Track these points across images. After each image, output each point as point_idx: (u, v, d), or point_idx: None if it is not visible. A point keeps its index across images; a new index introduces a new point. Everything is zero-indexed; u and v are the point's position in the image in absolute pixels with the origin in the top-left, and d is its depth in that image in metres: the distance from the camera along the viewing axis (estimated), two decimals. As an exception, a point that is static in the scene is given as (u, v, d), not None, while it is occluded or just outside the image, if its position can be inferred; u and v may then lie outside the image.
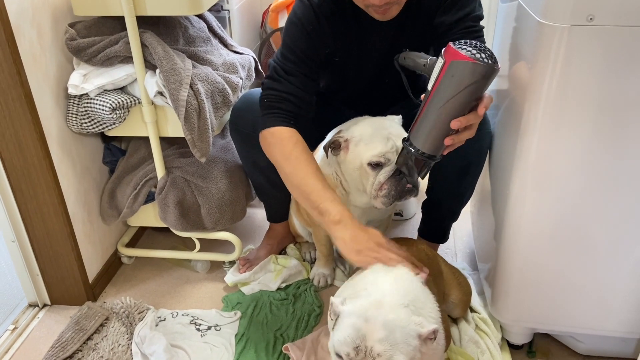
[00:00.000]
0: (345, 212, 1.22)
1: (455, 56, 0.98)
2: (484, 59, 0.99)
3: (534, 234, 1.25)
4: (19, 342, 1.53)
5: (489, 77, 1.00)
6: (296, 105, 1.33)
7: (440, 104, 1.02)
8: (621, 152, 1.11)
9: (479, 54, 0.99)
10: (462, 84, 0.99)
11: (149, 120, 1.52)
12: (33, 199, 1.48)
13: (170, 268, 1.83)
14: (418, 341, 0.95)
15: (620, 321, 1.30)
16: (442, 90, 1.01)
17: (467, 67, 0.98)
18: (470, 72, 0.98)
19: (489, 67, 0.98)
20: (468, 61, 0.97)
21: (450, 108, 1.01)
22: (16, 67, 1.31)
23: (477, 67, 0.97)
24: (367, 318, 0.96)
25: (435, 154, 1.09)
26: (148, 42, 1.43)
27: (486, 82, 1.01)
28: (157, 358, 1.38)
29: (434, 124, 1.04)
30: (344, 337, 0.96)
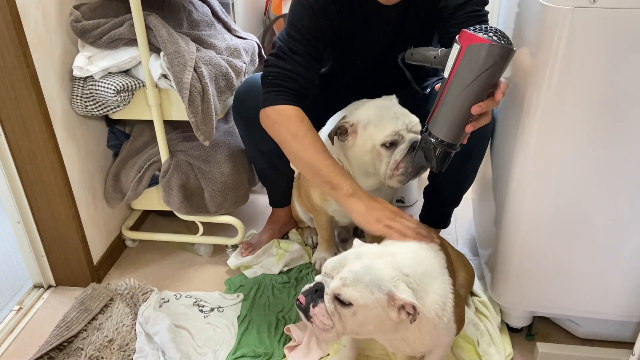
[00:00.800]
0: (357, 186, 1.25)
1: (472, 40, 0.98)
2: (501, 40, 0.99)
3: (534, 219, 1.26)
4: (24, 322, 1.55)
5: (507, 59, 1.00)
6: (301, 85, 1.32)
7: (460, 89, 1.01)
8: (623, 137, 1.12)
9: (495, 36, 0.99)
10: (481, 68, 0.99)
11: (153, 104, 1.53)
12: (38, 181, 1.50)
13: (174, 251, 1.85)
14: (385, 298, 0.95)
15: (618, 305, 1.31)
16: (460, 75, 1.01)
17: (485, 50, 0.98)
18: (489, 54, 0.97)
19: (506, 48, 0.98)
20: (485, 43, 0.97)
21: (470, 93, 1.01)
22: (22, 48, 1.32)
23: (495, 49, 0.97)
24: (359, 255, 1.01)
25: (455, 142, 1.08)
26: (152, 24, 1.44)
27: (504, 64, 1.01)
28: (161, 338, 1.40)
29: (454, 111, 1.04)
30: (333, 259, 1.02)
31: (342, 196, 1.25)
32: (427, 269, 1.06)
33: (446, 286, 1.08)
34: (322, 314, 0.97)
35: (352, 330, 0.99)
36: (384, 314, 0.96)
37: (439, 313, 1.05)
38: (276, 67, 1.32)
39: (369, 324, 0.97)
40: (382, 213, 1.21)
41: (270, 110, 1.32)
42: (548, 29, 1.06)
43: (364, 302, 0.94)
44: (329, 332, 0.98)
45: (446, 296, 1.07)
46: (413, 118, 1.33)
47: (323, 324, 0.97)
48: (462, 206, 1.67)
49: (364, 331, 1.00)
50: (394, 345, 1.11)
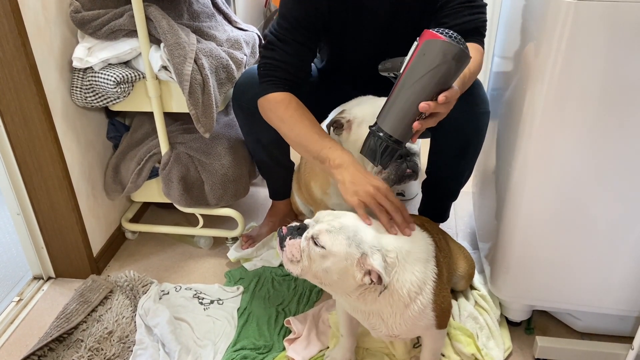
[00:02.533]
0: (346, 156, 1.22)
1: (429, 36, 0.98)
2: (457, 42, 0.98)
3: (535, 213, 1.25)
4: (24, 314, 1.55)
5: (459, 61, 0.99)
6: (290, 73, 1.34)
7: (410, 83, 1.01)
8: (624, 131, 1.11)
9: (454, 39, 0.99)
10: (432, 63, 0.98)
11: (153, 95, 1.52)
12: (38, 172, 1.49)
13: (174, 244, 1.85)
14: (357, 256, 1.01)
15: (618, 299, 1.31)
16: (412, 69, 1.01)
17: (438, 46, 0.97)
18: (441, 50, 0.97)
19: (458, 48, 0.98)
20: (439, 39, 0.97)
21: (419, 88, 1.00)
22: (21, 38, 1.31)
23: (447, 46, 0.97)
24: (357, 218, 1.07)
25: (403, 140, 1.06)
26: (152, 15, 1.43)
27: (456, 66, 1.00)
28: (161, 330, 1.40)
29: (403, 106, 1.03)
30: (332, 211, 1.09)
31: (329, 168, 1.23)
32: (413, 250, 1.09)
33: (428, 272, 1.10)
34: (295, 247, 1.05)
35: (315, 273, 1.04)
36: (350, 271, 1.02)
37: (412, 294, 1.07)
38: (266, 58, 1.35)
39: (334, 273, 1.03)
40: (362, 187, 1.17)
41: (263, 100, 1.35)
42: (551, 22, 1.06)
43: (337, 250, 1.01)
44: (295, 265, 1.05)
45: (424, 281, 1.09)
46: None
47: (292, 255, 1.05)
48: (462, 200, 1.67)
49: (326, 278, 1.04)
50: (371, 322, 1.14)
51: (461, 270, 1.42)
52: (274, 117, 1.34)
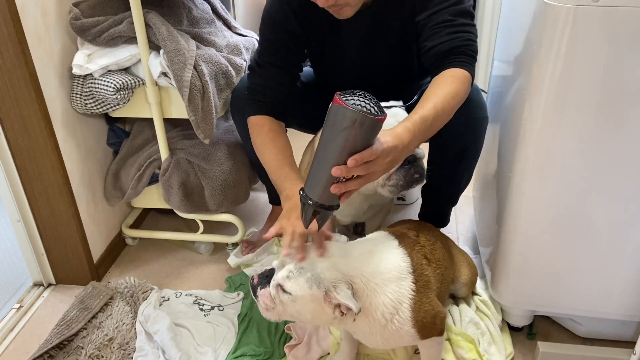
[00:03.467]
0: (295, 189, 1.20)
1: (335, 102, 0.97)
2: (362, 107, 0.94)
3: (536, 217, 1.25)
4: (24, 321, 1.55)
5: (363, 125, 0.95)
6: (267, 96, 1.39)
7: (322, 149, 0.99)
8: (624, 136, 1.11)
9: (360, 102, 0.95)
10: (338, 129, 0.96)
11: (152, 102, 1.52)
12: (38, 179, 1.49)
13: (174, 249, 1.84)
14: (322, 295, 1.03)
15: (620, 304, 1.30)
16: (323, 135, 1.00)
17: (339, 112, 0.95)
18: (342, 116, 0.94)
19: (362, 116, 0.93)
20: (341, 105, 0.94)
21: (329, 153, 0.98)
22: (21, 46, 1.31)
23: (348, 113, 0.93)
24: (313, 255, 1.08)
25: (332, 204, 1.03)
26: (152, 22, 1.43)
27: (362, 131, 0.96)
28: (161, 336, 1.40)
29: (320, 172, 1.01)
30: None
31: (283, 198, 1.26)
32: (380, 271, 1.09)
33: (402, 291, 1.09)
34: (266, 296, 1.09)
35: (291, 315, 1.10)
36: (320, 308, 1.05)
37: (387, 316, 1.07)
38: (248, 82, 1.42)
39: (307, 314, 1.07)
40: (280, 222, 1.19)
41: (247, 122, 1.42)
42: (550, 28, 1.05)
43: (302, 294, 1.04)
44: (270, 312, 1.11)
45: (399, 300, 1.08)
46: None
47: (266, 304, 1.09)
48: (463, 204, 1.66)
49: (302, 318, 1.10)
50: (358, 335, 1.16)
51: (464, 277, 1.42)
52: (252, 140, 1.40)
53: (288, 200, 1.23)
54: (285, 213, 1.21)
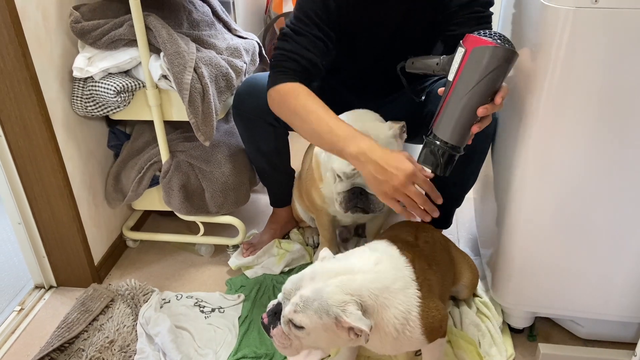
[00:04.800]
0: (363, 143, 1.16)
1: (477, 43, 1.00)
2: (504, 43, 1.01)
3: (536, 219, 1.25)
4: (25, 323, 1.55)
5: (510, 61, 1.02)
6: (301, 65, 1.30)
7: (464, 92, 1.03)
8: (624, 138, 1.11)
9: (499, 39, 1.01)
10: (485, 70, 1.00)
11: (153, 104, 1.53)
12: (39, 182, 1.50)
13: (175, 252, 1.85)
14: (333, 322, 1.01)
15: (620, 305, 1.30)
16: (465, 78, 1.02)
17: (489, 52, 1.00)
18: (493, 56, 1.00)
19: (509, 51, 1.00)
20: (490, 46, 0.99)
21: (476, 95, 1.02)
22: (22, 49, 1.32)
23: (500, 51, 0.99)
24: (314, 276, 1.05)
25: (460, 145, 1.08)
26: (152, 25, 1.44)
27: (507, 67, 1.02)
28: (162, 339, 1.40)
29: (460, 113, 1.04)
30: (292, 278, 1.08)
31: (349, 159, 1.18)
32: (386, 285, 1.07)
33: (410, 300, 1.09)
34: (280, 335, 1.06)
35: (309, 346, 1.08)
36: (334, 335, 1.03)
37: (398, 327, 1.07)
38: (279, 50, 1.32)
39: (323, 342, 1.06)
40: (388, 184, 1.13)
41: (272, 92, 1.31)
42: (549, 29, 1.05)
43: (314, 327, 1.01)
44: (288, 349, 1.08)
45: (408, 310, 1.08)
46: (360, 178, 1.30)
47: (282, 343, 1.07)
48: (463, 206, 1.66)
49: (321, 346, 1.09)
50: (369, 346, 1.13)
51: (465, 279, 1.42)
52: (284, 109, 1.29)
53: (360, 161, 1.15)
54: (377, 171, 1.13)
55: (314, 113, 1.23)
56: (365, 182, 1.23)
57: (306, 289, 1.03)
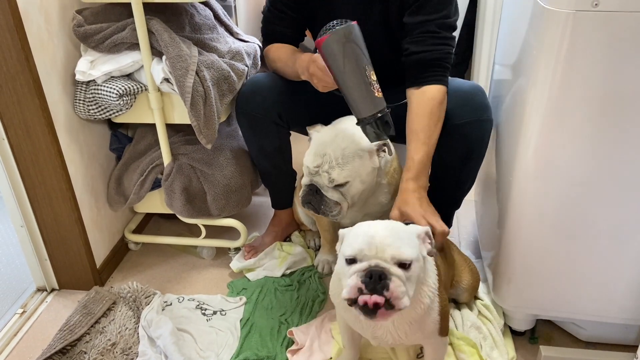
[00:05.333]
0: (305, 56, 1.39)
1: (320, 42, 1.20)
2: (336, 26, 1.19)
3: (537, 221, 1.25)
4: (27, 326, 1.55)
5: (351, 34, 1.19)
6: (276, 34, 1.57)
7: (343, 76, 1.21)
8: (625, 140, 1.11)
9: (332, 26, 1.20)
10: (339, 52, 1.19)
11: (155, 107, 1.53)
12: (41, 185, 1.50)
13: (177, 254, 1.85)
14: (419, 240, 1.03)
15: (622, 308, 1.30)
16: (335, 69, 1.21)
17: (330, 42, 1.19)
18: (335, 42, 1.18)
19: (342, 29, 1.18)
20: (327, 37, 1.19)
21: (350, 71, 1.20)
22: (24, 53, 1.32)
23: (336, 36, 1.18)
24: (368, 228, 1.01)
25: (378, 109, 1.23)
26: (154, 29, 1.44)
27: (353, 39, 1.19)
28: (164, 341, 1.40)
29: (355, 91, 1.22)
30: (354, 241, 0.99)
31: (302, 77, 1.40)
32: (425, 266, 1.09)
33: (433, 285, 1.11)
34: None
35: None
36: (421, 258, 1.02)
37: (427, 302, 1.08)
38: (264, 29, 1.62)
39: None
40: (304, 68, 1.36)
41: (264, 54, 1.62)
42: (550, 33, 1.06)
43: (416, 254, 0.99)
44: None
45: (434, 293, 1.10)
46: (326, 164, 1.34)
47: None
48: (464, 208, 1.67)
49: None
50: (376, 334, 1.12)
51: (465, 282, 1.42)
52: (270, 62, 1.58)
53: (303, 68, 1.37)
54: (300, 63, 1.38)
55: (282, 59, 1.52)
56: (321, 181, 1.34)
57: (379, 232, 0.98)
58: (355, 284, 0.94)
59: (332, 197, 1.34)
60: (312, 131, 1.42)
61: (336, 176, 1.32)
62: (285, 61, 1.50)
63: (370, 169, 1.36)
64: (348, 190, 1.35)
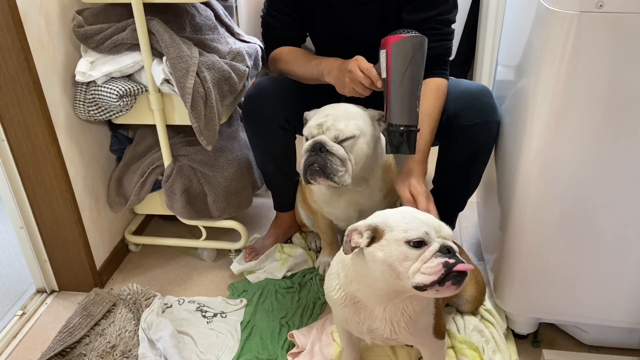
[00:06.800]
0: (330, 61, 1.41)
1: (394, 39, 1.21)
2: (413, 33, 1.22)
3: (540, 224, 1.24)
4: (27, 328, 1.55)
5: (423, 45, 1.23)
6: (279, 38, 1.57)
7: (400, 80, 1.22)
8: (629, 142, 1.10)
9: (408, 32, 1.22)
10: (408, 55, 1.21)
11: (155, 108, 1.52)
12: (41, 186, 1.49)
13: (177, 256, 1.84)
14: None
15: (625, 311, 1.29)
16: (396, 69, 1.22)
17: (406, 42, 1.21)
18: (411, 43, 1.21)
19: (420, 37, 1.22)
20: (405, 37, 1.21)
21: (409, 78, 1.22)
22: (24, 54, 1.32)
23: (413, 39, 1.21)
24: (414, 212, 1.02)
25: (414, 123, 1.24)
26: (155, 29, 1.44)
27: (423, 50, 1.23)
28: (164, 344, 1.39)
29: (403, 98, 1.22)
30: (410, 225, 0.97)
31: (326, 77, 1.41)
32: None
33: None
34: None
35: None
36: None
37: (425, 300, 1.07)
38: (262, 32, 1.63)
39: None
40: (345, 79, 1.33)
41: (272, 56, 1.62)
42: (554, 34, 1.05)
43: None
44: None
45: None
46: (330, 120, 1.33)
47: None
48: (467, 210, 1.66)
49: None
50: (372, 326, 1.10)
51: (468, 294, 1.40)
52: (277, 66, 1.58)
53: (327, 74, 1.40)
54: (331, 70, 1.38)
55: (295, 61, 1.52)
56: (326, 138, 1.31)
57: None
58: (441, 261, 0.93)
59: (337, 151, 1.29)
60: (309, 113, 1.41)
61: (343, 127, 1.30)
62: (301, 63, 1.50)
63: (372, 131, 1.36)
64: (352, 148, 1.31)
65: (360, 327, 1.12)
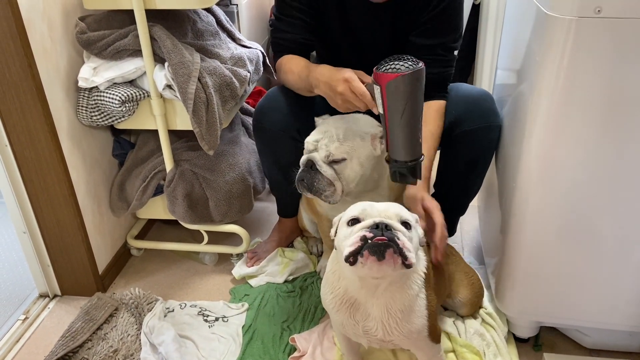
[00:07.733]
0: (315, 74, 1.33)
1: (388, 78, 1.09)
2: (408, 67, 1.09)
3: (540, 227, 1.25)
4: (30, 332, 1.55)
5: (420, 77, 1.10)
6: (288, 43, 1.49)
7: (399, 117, 1.13)
8: (628, 146, 1.11)
9: (403, 65, 1.09)
10: (406, 94, 1.10)
11: (157, 114, 1.53)
12: (44, 191, 1.50)
13: (179, 260, 1.85)
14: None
15: (626, 315, 1.29)
16: (393, 108, 1.13)
17: (402, 81, 1.09)
18: (407, 83, 1.09)
19: (416, 71, 1.09)
20: (399, 77, 1.08)
21: (409, 115, 1.12)
22: (27, 60, 1.33)
23: (410, 77, 1.08)
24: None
25: (417, 156, 1.18)
26: (157, 35, 1.45)
27: (421, 82, 1.11)
28: (166, 348, 1.40)
29: (404, 135, 1.15)
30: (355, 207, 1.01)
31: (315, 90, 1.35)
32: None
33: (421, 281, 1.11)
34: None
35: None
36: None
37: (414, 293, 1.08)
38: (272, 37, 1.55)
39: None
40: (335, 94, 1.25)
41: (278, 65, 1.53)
42: (552, 39, 1.06)
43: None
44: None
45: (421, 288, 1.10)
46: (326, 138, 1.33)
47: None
48: (468, 214, 1.66)
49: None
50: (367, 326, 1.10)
51: (462, 296, 1.40)
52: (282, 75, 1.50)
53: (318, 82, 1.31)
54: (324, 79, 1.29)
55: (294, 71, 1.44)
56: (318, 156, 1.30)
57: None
58: (360, 234, 0.92)
59: (325, 172, 1.29)
60: (319, 119, 1.41)
61: (333, 150, 1.29)
62: (297, 73, 1.44)
63: (369, 152, 1.32)
64: (343, 170, 1.30)
65: (356, 330, 1.12)
